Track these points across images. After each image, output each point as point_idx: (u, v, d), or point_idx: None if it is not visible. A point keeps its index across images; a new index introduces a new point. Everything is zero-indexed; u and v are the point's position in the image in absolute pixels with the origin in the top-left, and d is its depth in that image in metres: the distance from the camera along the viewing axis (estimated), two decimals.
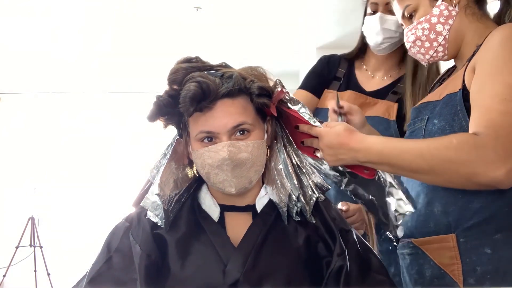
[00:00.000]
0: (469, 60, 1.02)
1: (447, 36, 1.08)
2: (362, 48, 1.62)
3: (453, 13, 1.06)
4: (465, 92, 0.99)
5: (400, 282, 1.29)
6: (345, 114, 1.22)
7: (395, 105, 1.50)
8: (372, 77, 1.59)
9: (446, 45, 1.09)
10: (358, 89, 1.58)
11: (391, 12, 1.45)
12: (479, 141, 0.87)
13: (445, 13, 1.06)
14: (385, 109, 1.51)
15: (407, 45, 1.14)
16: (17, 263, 4.35)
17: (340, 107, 1.21)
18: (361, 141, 0.95)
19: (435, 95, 1.09)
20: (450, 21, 1.07)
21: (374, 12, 1.50)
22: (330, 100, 1.22)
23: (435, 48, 1.09)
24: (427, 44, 1.10)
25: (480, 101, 0.93)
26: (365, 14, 1.56)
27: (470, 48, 1.06)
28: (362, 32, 1.58)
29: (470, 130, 0.91)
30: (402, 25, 1.17)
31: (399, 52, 1.55)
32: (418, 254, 1.06)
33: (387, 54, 1.55)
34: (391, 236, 1.16)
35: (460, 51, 1.10)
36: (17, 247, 4.34)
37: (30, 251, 4.41)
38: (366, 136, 0.97)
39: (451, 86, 1.05)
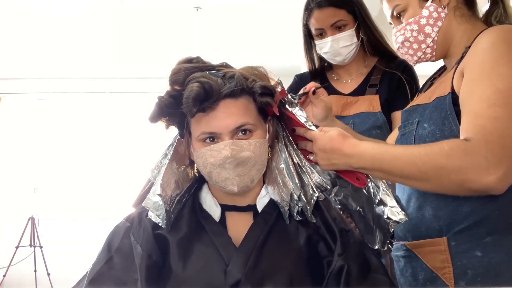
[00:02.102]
0: (458, 62, 1.02)
1: (435, 38, 1.07)
2: (323, 65, 1.66)
3: (442, 14, 1.06)
4: (454, 96, 0.99)
5: None
6: (310, 101, 1.22)
7: (376, 97, 1.53)
8: (345, 82, 1.62)
9: (434, 46, 1.08)
10: (337, 93, 1.61)
11: (338, 28, 1.51)
12: (470, 147, 0.87)
13: (434, 14, 1.06)
14: (368, 103, 1.54)
15: (396, 45, 1.14)
16: (17, 263, 4.35)
17: (314, 93, 1.21)
18: (354, 146, 0.95)
19: (425, 98, 1.09)
20: (439, 23, 1.06)
21: (321, 35, 1.53)
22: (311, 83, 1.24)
23: (423, 50, 1.09)
24: (415, 46, 1.09)
25: (469, 106, 0.92)
26: (309, 37, 1.59)
27: (459, 50, 1.05)
28: (312, 54, 1.63)
29: (461, 136, 0.91)
30: (390, 23, 1.16)
31: (361, 49, 1.58)
32: (411, 257, 1.07)
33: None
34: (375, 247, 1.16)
35: (449, 52, 1.09)
36: (17, 247, 4.34)
37: (30, 251, 4.41)
38: (359, 141, 0.97)
39: (441, 89, 1.05)
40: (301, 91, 1.22)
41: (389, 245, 1.12)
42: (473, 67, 0.96)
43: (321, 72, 1.67)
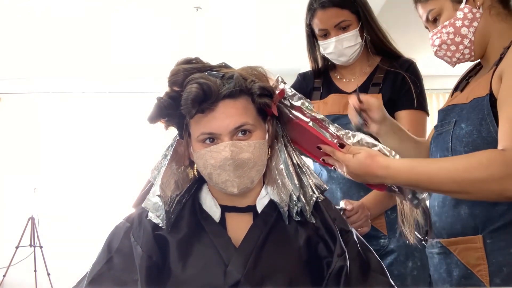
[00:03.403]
0: (497, 64, 1.03)
1: (472, 39, 1.08)
2: (327, 65, 1.64)
3: (477, 15, 1.07)
4: (492, 98, 1.00)
5: (417, 276, 1.40)
6: (364, 111, 1.20)
7: (379, 96, 1.52)
8: (348, 81, 1.61)
9: (472, 47, 1.09)
10: (340, 92, 1.60)
11: (343, 28, 1.49)
12: (508, 157, 0.89)
13: (469, 15, 1.07)
14: None
15: (433, 49, 1.15)
16: (17, 263, 4.35)
17: (360, 102, 1.18)
18: (386, 168, 0.98)
19: (463, 98, 1.10)
20: (475, 24, 1.07)
21: (325, 36, 1.52)
22: (350, 97, 1.22)
23: (461, 51, 1.10)
24: (453, 48, 1.10)
25: (506, 113, 0.94)
26: (312, 37, 1.58)
27: (496, 50, 1.06)
28: (315, 54, 1.61)
29: (499, 144, 0.93)
30: (426, 27, 1.18)
31: (365, 49, 1.56)
32: (446, 254, 1.09)
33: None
34: (419, 235, 1.20)
35: (486, 51, 1.10)
36: (17, 247, 4.34)
37: (30, 251, 4.41)
38: (389, 161, 0.99)
39: (478, 89, 1.06)
40: (353, 111, 1.19)
41: (423, 243, 1.15)
42: (509, 70, 0.97)
43: (324, 72, 1.66)
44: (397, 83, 1.53)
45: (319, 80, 1.64)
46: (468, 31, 1.07)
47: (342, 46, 1.50)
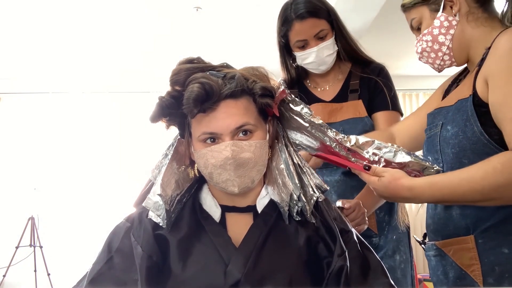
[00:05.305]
0: (479, 64, 1.04)
1: (450, 46, 1.11)
2: (299, 74, 1.65)
3: (454, 22, 1.09)
4: (475, 98, 1.01)
5: (404, 269, 1.48)
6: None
7: (360, 102, 1.56)
8: (323, 90, 1.64)
9: (451, 53, 1.12)
10: (319, 101, 1.62)
11: (321, 37, 1.52)
12: None
13: (445, 24, 1.09)
14: (353, 109, 1.56)
15: (417, 55, 1.18)
16: (17, 263, 4.35)
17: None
18: (410, 189, 1.01)
19: (449, 100, 1.12)
20: (451, 31, 1.10)
21: (303, 47, 1.53)
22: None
23: (441, 58, 1.13)
24: (432, 55, 1.13)
25: (509, 115, 0.95)
26: (285, 48, 1.59)
27: (479, 52, 1.08)
28: (288, 65, 1.63)
29: (508, 146, 0.94)
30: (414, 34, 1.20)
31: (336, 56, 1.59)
32: (441, 255, 1.10)
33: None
34: (417, 239, 1.23)
35: (470, 56, 1.12)
36: (17, 247, 4.34)
37: (30, 251, 4.40)
38: (412, 182, 1.01)
39: (462, 91, 1.08)
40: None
41: (422, 245, 1.18)
42: (497, 73, 0.98)
43: (297, 81, 1.68)
44: (371, 87, 1.57)
45: (295, 90, 1.66)
46: (445, 39, 1.10)
47: (323, 55, 1.53)
